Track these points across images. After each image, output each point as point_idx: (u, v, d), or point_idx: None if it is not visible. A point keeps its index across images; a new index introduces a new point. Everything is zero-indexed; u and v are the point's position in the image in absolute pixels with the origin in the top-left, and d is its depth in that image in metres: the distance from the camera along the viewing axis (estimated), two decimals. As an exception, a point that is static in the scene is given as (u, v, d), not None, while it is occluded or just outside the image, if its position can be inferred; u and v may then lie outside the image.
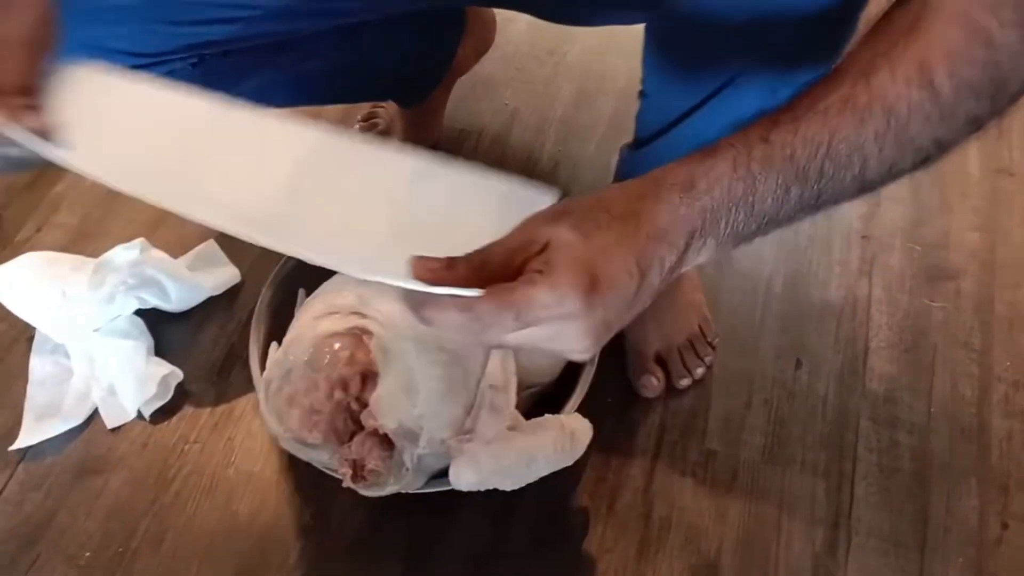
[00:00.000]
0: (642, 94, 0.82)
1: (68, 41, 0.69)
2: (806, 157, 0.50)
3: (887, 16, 0.53)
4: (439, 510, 0.84)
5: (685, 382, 0.92)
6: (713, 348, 0.94)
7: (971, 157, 1.12)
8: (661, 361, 0.92)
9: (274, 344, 0.81)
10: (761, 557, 0.83)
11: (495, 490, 0.80)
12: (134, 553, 0.83)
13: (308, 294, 0.84)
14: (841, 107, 0.50)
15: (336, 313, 0.77)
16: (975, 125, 0.51)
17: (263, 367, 0.80)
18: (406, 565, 0.82)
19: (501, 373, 0.75)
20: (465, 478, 0.71)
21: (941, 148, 0.52)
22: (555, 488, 0.86)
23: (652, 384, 0.91)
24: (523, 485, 0.74)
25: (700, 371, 0.93)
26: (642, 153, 0.84)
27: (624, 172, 0.90)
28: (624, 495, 0.86)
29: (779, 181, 0.50)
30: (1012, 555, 0.83)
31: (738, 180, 0.49)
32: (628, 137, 1.13)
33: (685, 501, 0.86)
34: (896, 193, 1.09)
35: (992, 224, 1.06)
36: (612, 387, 0.91)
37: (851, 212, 1.07)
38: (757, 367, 0.94)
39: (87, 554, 0.83)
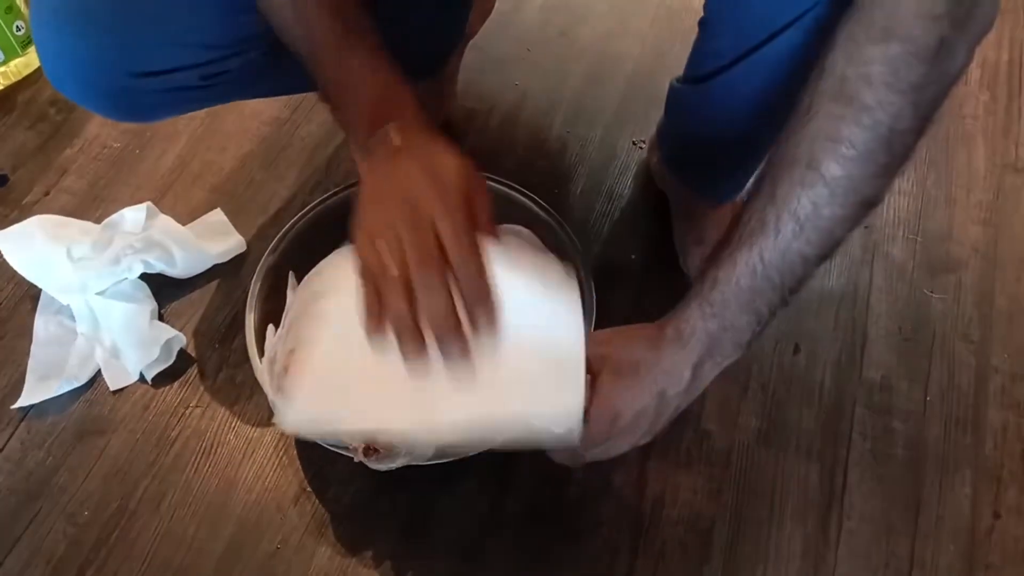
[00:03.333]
0: (704, 23, 0.79)
1: (150, 40, 0.71)
2: (750, 278, 0.61)
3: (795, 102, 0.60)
4: (438, 480, 0.85)
5: None
6: None
7: (977, 152, 1.12)
8: None
9: (271, 326, 0.81)
10: (753, 537, 0.84)
11: (493, 463, 0.81)
12: (133, 513, 0.84)
13: (298, 277, 0.84)
14: (760, 227, 0.60)
15: (337, 289, 0.78)
16: (884, 174, 0.59)
17: (260, 350, 0.80)
18: (403, 533, 0.83)
19: None
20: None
21: (867, 205, 0.60)
22: (551, 466, 0.86)
23: None
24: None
25: None
26: (699, 90, 0.82)
27: (678, 105, 0.91)
28: (619, 472, 0.87)
29: (743, 304, 0.62)
30: (1003, 545, 0.84)
31: (712, 318, 0.62)
32: (637, 121, 1.14)
33: (679, 479, 0.87)
34: (901, 186, 1.09)
35: (996, 218, 1.06)
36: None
37: (855, 202, 1.07)
38: (755, 352, 0.95)
39: (86, 512, 0.84)
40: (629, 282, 0.99)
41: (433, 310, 0.54)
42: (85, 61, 0.72)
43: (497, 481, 0.86)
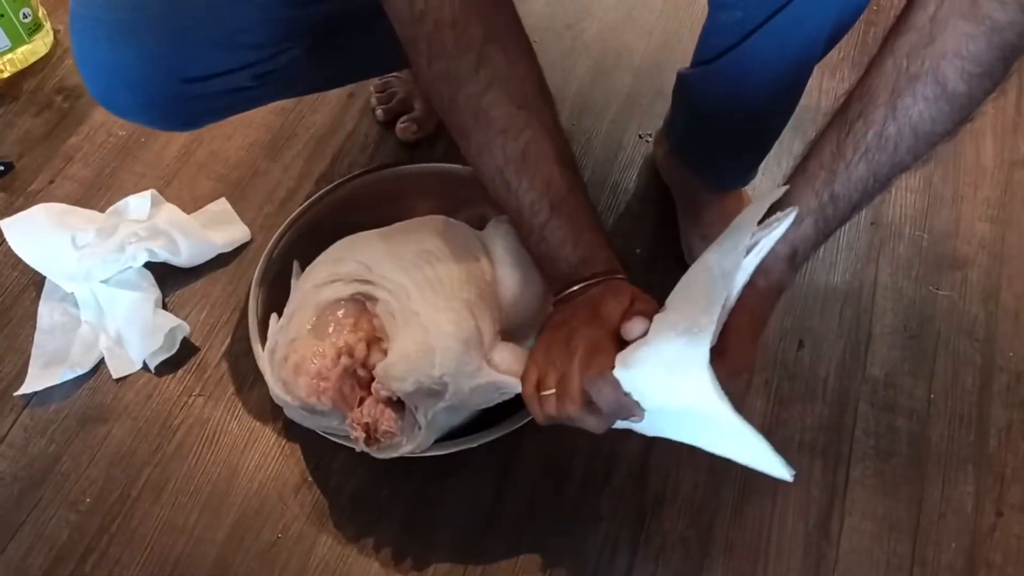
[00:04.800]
0: (713, 5, 0.79)
1: (199, 44, 0.72)
2: (861, 192, 0.62)
3: (905, 18, 0.59)
4: (439, 471, 0.85)
5: None
6: None
7: (986, 149, 1.12)
8: None
9: (274, 315, 0.81)
10: (754, 532, 0.83)
11: (495, 455, 0.81)
12: (135, 501, 0.84)
13: (303, 267, 0.84)
14: (877, 141, 0.60)
15: (339, 281, 0.78)
16: (992, 92, 0.58)
17: (263, 340, 0.81)
18: (405, 523, 0.83)
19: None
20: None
21: (965, 123, 0.60)
22: (553, 460, 0.87)
23: None
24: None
25: None
26: (709, 71, 0.82)
27: (688, 90, 0.90)
28: (620, 468, 0.87)
29: (843, 219, 0.64)
30: (1006, 543, 0.84)
31: (819, 235, 0.64)
32: (643, 115, 1.13)
33: (681, 475, 0.87)
34: (908, 182, 1.08)
35: (1003, 215, 1.06)
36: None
37: (862, 198, 1.06)
38: (760, 348, 0.94)
39: (88, 500, 0.84)
40: (634, 276, 0.97)
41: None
42: (136, 72, 0.72)
43: (498, 473, 0.86)
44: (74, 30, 0.72)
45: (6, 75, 1.14)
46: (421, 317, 0.72)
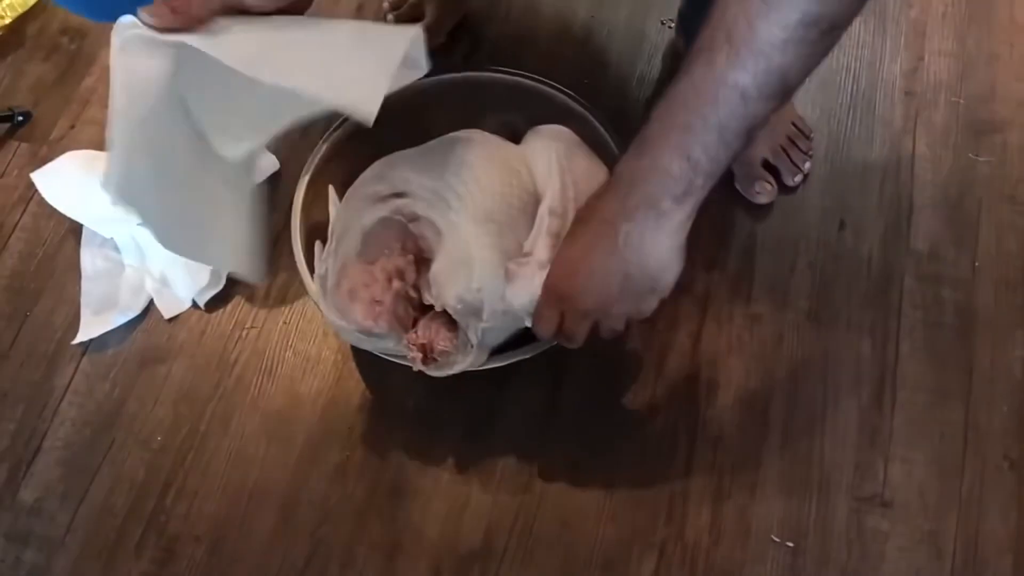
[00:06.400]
0: None
1: None
2: (682, 112, 0.56)
3: None
4: (495, 379, 0.86)
5: (797, 178, 0.96)
6: (810, 140, 0.97)
7: (1021, 4, 1.08)
8: (768, 166, 0.95)
9: (318, 243, 0.81)
10: (809, 413, 0.85)
11: (547, 359, 0.82)
12: (204, 435, 0.86)
13: (338, 191, 0.83)
14: (695, 55, 0.55)
15: (380, 200, 0.77)
16: None
17: (310, 269, 0.81)
18: (466, 431, 0.85)
19: (560, 201, 0.74)
20: (520, 299, 0.70)
21: (812, 25, 0.52)
22: (603, 354, 0.88)
23: (766, 188, 0.95)
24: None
25: (807, 165, 0.96)
26: None
27: None
28: (672, 358, 0.88)
29: (673, 145, 0.57)
30: (1055, 401, 0.85)
31: (641, 156, 0.59)
32: (662, 1, 1.09)
33: (732, 362, 0.88)
34: (940, 45, 1.05)
35: (1041, 73, 1.03)
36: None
37: (894, 68, 1.04)
38: (801, 231, 0.94)
39: (159, 438, 0.87)
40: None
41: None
42: None
43: (552, 380, 0.87)
44: None
45: (8, 21, 1.11)
46: (460, 229, 0.72)
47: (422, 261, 0.76)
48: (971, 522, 0.81)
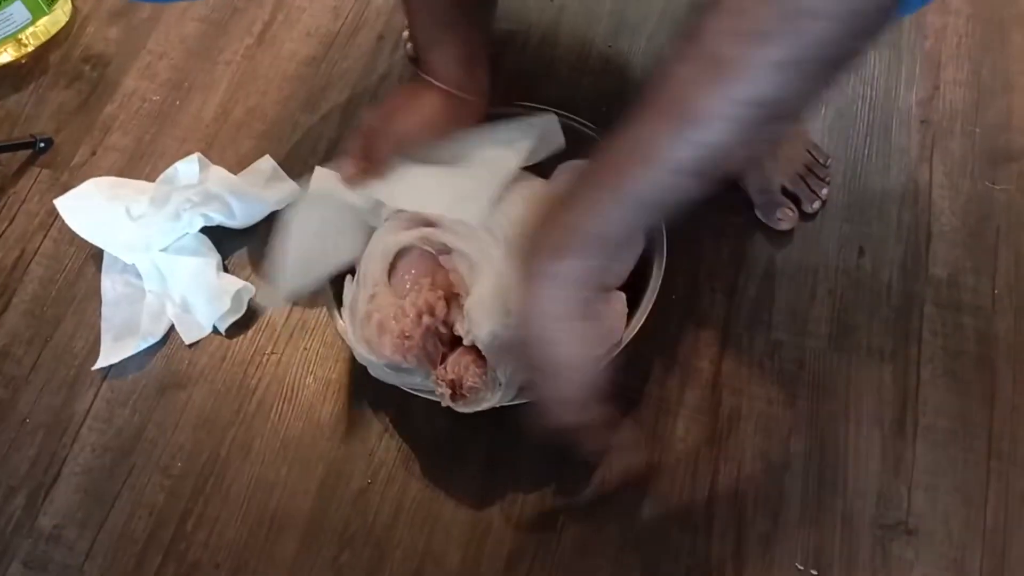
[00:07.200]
0: None
1: None
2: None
3: None
4: (515, 412, 0.86)
5: (816, 205, 0.96)
6: (827, 167, 0.98)
7: (1033, 34, 1.09)
8: (787, 193, 0.96)
9: (348, 277, 0.82)
10: (832, 441, 0.85)
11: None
12: (224, 461, 0.86)
13: None
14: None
15: (404, 227, 0.78)
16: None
17: (336, 297, 0.81)
18: (488, 463, 0.85)
19: None
20: None
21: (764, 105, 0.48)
22: (624, 382, 0.88)
23: (788, 215, 0.95)
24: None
25: (824, 191, 0.97)
26: None
27: None
28: (693, 387, 0.88)
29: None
30: (1078, 430, 0.85)
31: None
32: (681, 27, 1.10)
33: (753, 391, 0.88)
34: (955, 75, 1.06)
35: (1055, 102, 1.04)
36: (677, 283, 0.92)
37: (910, 97, 1.04)
38: (820, 258, 0.94)
39: (179, 464, 0.86)
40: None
41: None
42: None
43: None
44: None
45: (31, 49, 1.13)
46: (497, 262, 0.72)
47: (451, 296, 0.76)
48: (997, 549, 0.80)
